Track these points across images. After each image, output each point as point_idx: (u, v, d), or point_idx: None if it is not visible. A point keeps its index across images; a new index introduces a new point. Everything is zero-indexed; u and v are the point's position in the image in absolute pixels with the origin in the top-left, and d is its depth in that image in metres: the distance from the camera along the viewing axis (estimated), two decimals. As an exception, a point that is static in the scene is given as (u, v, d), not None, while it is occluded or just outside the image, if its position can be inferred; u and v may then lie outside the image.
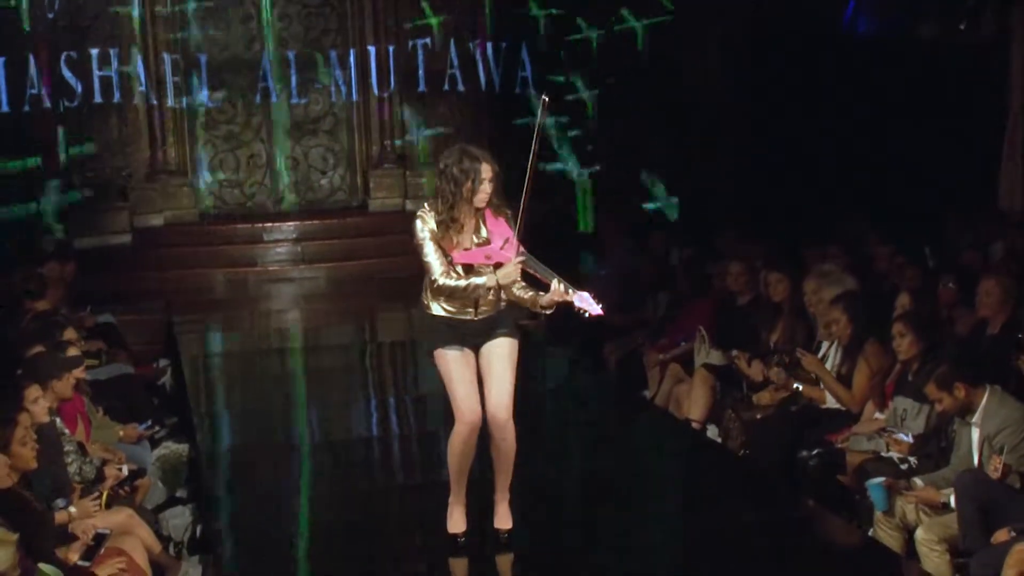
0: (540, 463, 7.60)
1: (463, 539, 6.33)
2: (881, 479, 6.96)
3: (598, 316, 5.73)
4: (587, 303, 5.70)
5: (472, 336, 6.09)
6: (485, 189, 5.86)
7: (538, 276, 5.87)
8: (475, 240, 5.97)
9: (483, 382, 6.07)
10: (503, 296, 6.06)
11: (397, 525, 7.11)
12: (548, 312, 6.04)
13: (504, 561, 6.37)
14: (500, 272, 5.89)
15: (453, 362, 6.05)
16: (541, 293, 5.88)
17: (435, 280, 5.93)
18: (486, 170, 5.86)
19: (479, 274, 5.94)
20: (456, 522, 6.35)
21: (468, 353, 6.09)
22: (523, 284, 5.98)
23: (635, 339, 10.84)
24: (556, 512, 7.03)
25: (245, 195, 15.46)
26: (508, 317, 6.14)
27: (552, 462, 7.84)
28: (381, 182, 15.30)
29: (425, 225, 5.94)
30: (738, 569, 6.18)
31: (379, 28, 15.14)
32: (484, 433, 6.17)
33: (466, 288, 5.91)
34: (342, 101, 15.42)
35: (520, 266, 5.88)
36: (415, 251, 5.99)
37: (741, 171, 14.77)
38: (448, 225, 5.91)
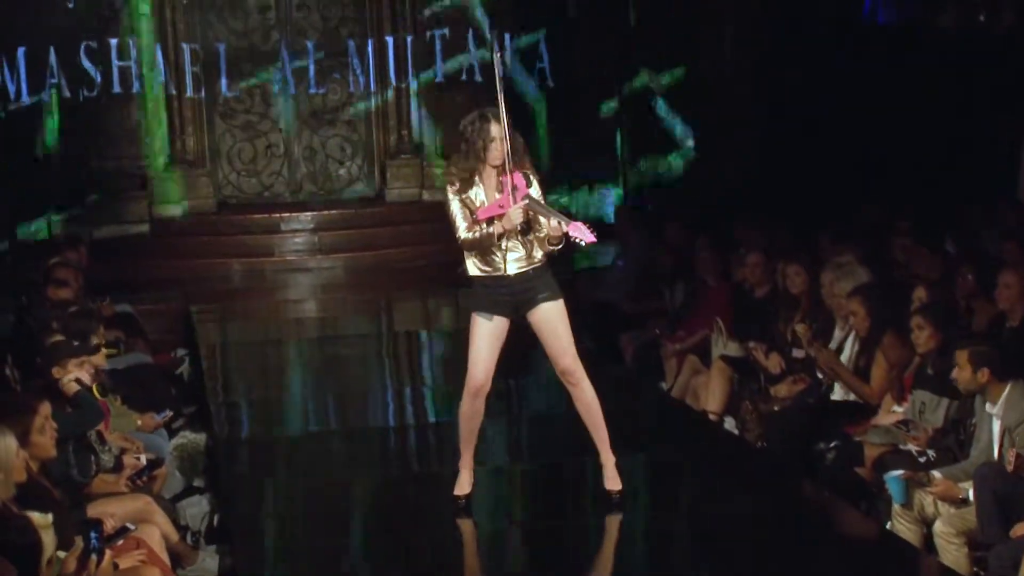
0: (557, 454, 7.61)
1: (463, 502, 6.57)
2: (900, 472, 6.93)
3: (592, 243, 6.01)
4: (580, 231, 5.99)
5: (510, 297, 6.29)
6: (496, 148, 6.13)
7: (541, 215, 6.13)
8: (496, 197, 6.21)
9: (543, 345, 6.37)
10: (534, 249, 6.25)
11: (413, 515, 7.11)
12: (558, 248, 6.23)
13: (517, 553, 6.38)
14: (506, 215, 6.13)
15: (481, 328, 6.33)
16: (547, 232, 6.15)
17: (459, 236, 6.23)
18: (495, 129, 6.13)
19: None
20: (462, 484, 6.61)
21: (500, 322, 6.34)
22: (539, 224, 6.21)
23: (652, 330, 10.82)
24: (574, 502, 7.02)
25: (263, 185, 15.47)
26: (546, 278, 6.34)
27: (569, 453, 7.82)
28: (398, 172, 15.29)
29: (451, 186, 6.26)
30: (755, 561, 6.17)
31: (397, 18, 15.13)
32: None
33: (483, 238, 6.17)
34: (360, 91, 15.41)
35: (524, 208, 6.13)
36: (445, 216, 6.27)
37: (758, 160, 14.72)
38: (467, 180, 6.20)
